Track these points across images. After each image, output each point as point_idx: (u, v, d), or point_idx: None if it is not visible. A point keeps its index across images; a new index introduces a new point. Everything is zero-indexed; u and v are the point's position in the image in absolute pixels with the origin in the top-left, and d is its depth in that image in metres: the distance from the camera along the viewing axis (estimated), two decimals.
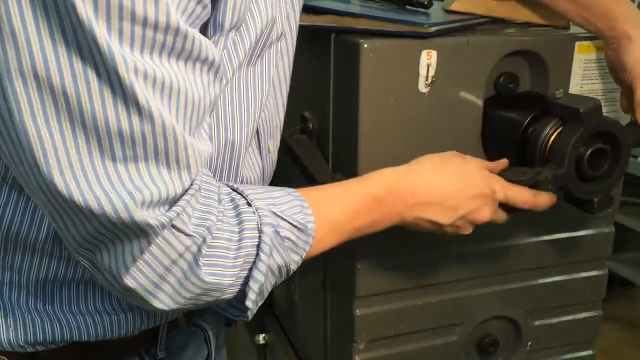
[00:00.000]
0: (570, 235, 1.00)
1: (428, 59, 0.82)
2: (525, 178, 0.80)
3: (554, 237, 0.99)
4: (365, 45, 0.80)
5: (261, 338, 1.30)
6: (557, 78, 0.90)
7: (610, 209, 0.93)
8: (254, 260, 0.63)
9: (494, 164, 0.83)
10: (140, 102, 0.52)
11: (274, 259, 0.65)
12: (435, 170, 0.77)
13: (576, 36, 0.91)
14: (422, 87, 0.83)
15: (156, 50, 0.53)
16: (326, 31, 0.87)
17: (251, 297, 0.64)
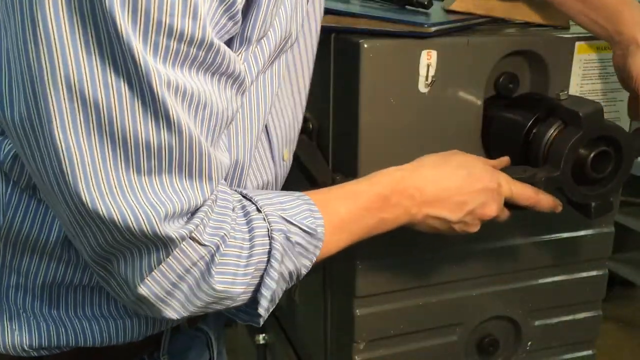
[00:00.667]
0: (570, 235, 0.99)
1: (428, 59, 0.82)
2: (525, 176, 0.80)
3: (554, 237, 0.99)
4: (365, 45, 0.80)
5: (261, 338, 1.30)
6: (557, 78, 0.89)
7: None
8: (265, 267, 0.63)
9: (496, 161, 0.83)
10: (170, 116, 0.52)
11: (285, 265, 0.65)
12: (440, 166, 0.76)
13: (576, 36, 0.90)
14: (422, 87, 0.83)
15: (187, 63, 0.53)
16: (326, 31, 0.87)
17: (263, 305, 0.64)
